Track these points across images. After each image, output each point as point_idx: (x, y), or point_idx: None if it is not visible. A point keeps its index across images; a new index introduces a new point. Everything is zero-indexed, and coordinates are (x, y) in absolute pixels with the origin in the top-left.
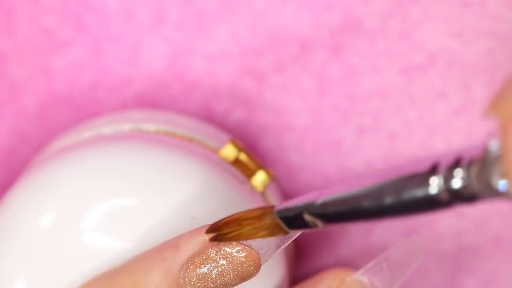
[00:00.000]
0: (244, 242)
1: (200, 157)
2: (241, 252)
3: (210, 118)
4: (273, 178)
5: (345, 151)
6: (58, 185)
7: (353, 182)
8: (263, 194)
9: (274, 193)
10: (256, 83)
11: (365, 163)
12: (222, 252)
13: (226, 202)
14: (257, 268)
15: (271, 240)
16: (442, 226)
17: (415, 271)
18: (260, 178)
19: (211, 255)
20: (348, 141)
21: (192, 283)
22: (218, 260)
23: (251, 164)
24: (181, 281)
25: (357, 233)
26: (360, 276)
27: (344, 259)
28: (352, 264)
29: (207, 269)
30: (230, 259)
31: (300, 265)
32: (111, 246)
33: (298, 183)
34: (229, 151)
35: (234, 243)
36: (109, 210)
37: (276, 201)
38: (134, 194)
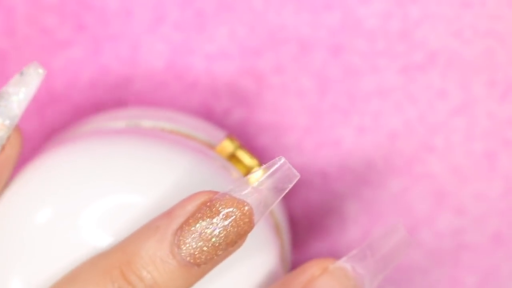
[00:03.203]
0: (239, 198)
1: (196, 152)
2: (235, 208)
3: (209, 117)
4: None
5: (345, 150)
6: (54, 180)
7: None
8: None
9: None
10: (255, 82)
11: (365, 163)
12: (214, 209)
13: None
14: (251, 223)
15: (266, 197)
16: (442, 223)
17: (415, 269)
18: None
19: (206, 212)
20: (348, 140)
21: (186, 245)
22: (212, 216)
23: (247, 161)
24: (175, 248)
25: (356, 232)
26: (343, 263)
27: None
28: None
29: (201, 227)
30: (224, 215)
31: (298, 265)
32: (108, 242)
33: (298, 182)
34: (226, 147)
35: (229, 202)
36: (106, 206)
37: (276, 207)
38: (130, 190)
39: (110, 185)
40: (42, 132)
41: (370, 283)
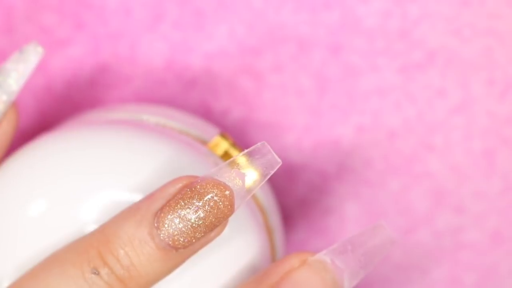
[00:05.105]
0: (220, 181)
1: (186, 146)
2: (216, 190)
3: (208, 116)
4: None
5: (344, 149)
6: (44, 170)
7: None
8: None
9: (262, 187)
10: (254, 81)
11: (364, 162)
12: (195, 190)
13: None
14: (232, 207)
15: (248, 183)
16: (441, 222)
17: (414, 268)
18: None
19: (186, 193)
20: (347, 139)
21: (165, 226)
22: (192, 197)
23: None
24: (154, 230)
25: (355, 232)
26: (322, 256)
27: None
28: None
29: (180, 208)
30: (204, 197)
31: None
32: None
33: (297, 182)
34: (218, 144)
35: (210, 184)
36: (96, 195)
37: (264, 197)
38: (119, 181)
39: (98, 175)
40: (41, 130)
41: (349, 278)
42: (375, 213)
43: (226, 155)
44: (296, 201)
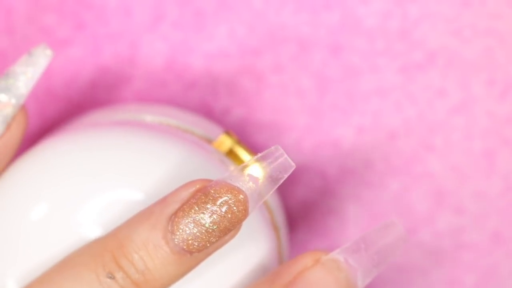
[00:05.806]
0: (234, 185)
1: (193, 145)
2: (230, 195)
3: (208, 116)
4: None
5: (344, 150)
6: (48, 173)
7: None
8: None
9: None
10: (255, 82)
11: (364, 162)
12: (209, 195)
13: None
14: (246, 211)
15: (261, 187)
16: (441, 223)
17: (414, 269)
18: None
19: (200, 198)
20: (347, 140)
21: (180, 230)
22: (207, 202)
23: (245, 156)
24: (169, 234)
25: (356, 233)
26: (335, 255)
27: None
28: None
29: (195, 213)
30: (218, 201)
31: None
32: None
33: (297, 182)
34: (223, 142)
35: (224, 189)
36: (102, 198)
37: (270, 196)
38: (126, 182)
39: (105, 178)
40: (42, 131)
41: (363, 276)
42: (376, 214)
43: (230, 153)
44: (296, 202)
